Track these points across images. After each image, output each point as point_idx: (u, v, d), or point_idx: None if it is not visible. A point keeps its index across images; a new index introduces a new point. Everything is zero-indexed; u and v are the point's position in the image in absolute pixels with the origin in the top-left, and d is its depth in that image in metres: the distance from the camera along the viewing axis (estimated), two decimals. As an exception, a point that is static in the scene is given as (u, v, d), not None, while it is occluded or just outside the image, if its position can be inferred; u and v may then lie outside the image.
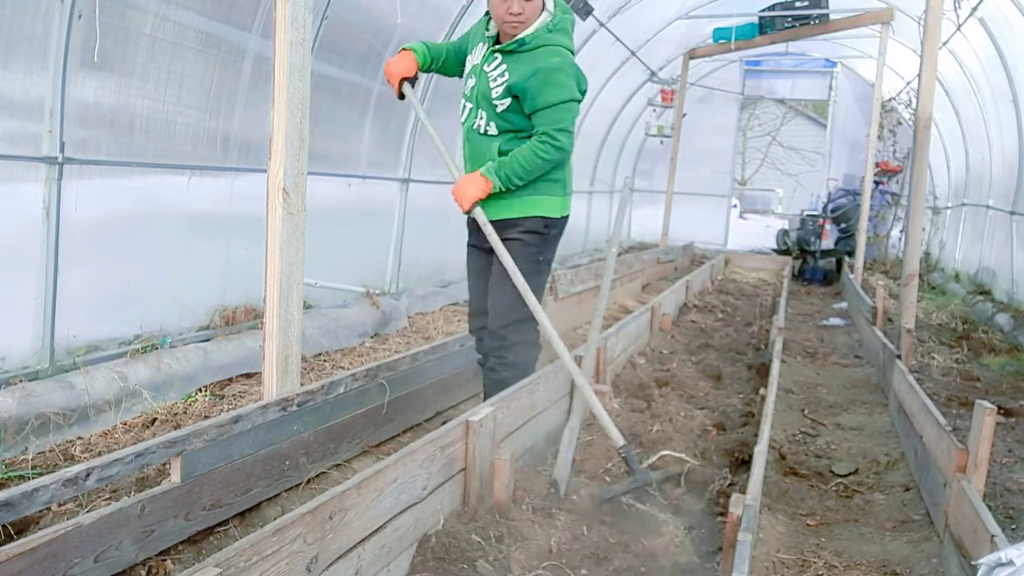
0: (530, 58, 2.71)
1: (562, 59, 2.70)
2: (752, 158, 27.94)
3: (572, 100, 2.71)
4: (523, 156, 2.71)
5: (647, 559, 2.22)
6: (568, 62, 2.73)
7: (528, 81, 2.68)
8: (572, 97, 2.70)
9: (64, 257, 3.25)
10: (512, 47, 2.75)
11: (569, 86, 2.70)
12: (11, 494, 1.84)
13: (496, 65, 2.78)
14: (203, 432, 2.25)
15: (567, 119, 2.71)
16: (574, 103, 2.73)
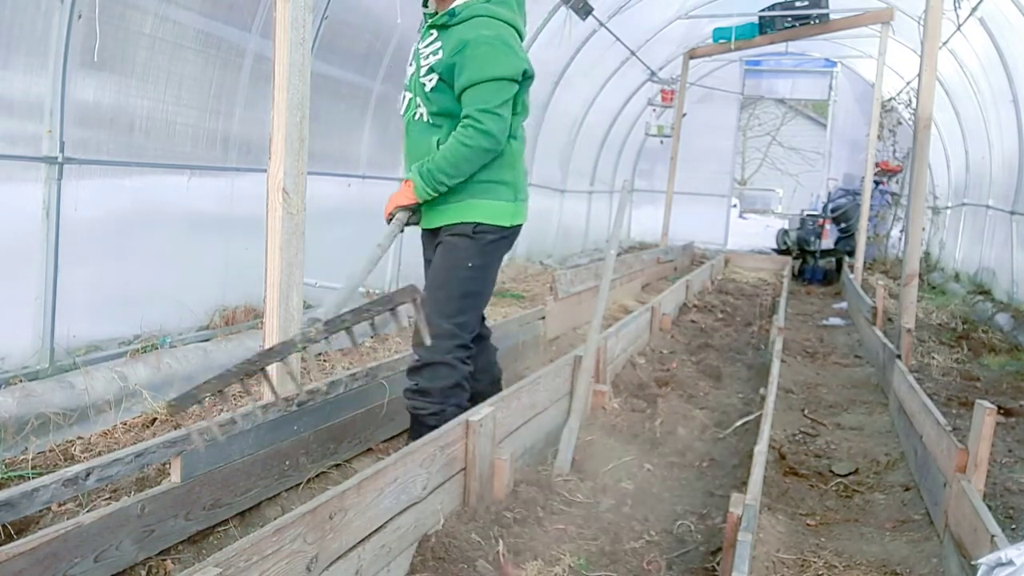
0: (461, 30, 2.41)
1: (495, 32, 2.37)
2: (752, 158, 27.94)
3: (502, 78, 2.35)
4: (446, 148, 2.39)
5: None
6: (502, 36, 2.38)
7: (455, 56, 2.37)
8: (502, 75, 2.35)
9: (64, 257, 3.25)
10: (444, 20, 2.45)
11: (499, 62, 2.34)
12: (11, 494, 1.84)
13: (430, 42, 2.51)
14: (203, 432, 2.25)
15: (494, 99, 2.34)
16: (505, 82, 2.36)
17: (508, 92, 2.39)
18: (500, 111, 2.37)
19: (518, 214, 2.59)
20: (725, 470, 3.01)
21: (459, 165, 2.39)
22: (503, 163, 2.49)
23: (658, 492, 2.77)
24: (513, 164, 2.53)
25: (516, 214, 2.57)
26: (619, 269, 6.68)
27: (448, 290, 2.52)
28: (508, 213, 2.54)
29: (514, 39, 2.44)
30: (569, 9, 6.96)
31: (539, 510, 2.44)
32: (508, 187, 2.53)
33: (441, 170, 2.39)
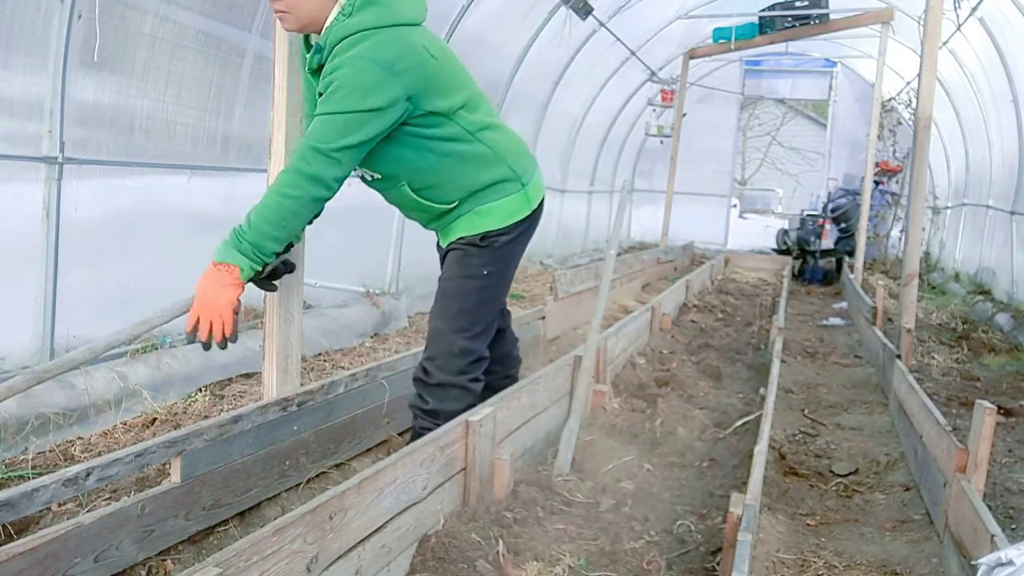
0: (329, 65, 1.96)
1: (360, 51, 1.89)
2: (752, 158, 27.95)
3: (350, 111, 1.87)
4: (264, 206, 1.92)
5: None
6: (368, 52, 1.88)
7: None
8: (350, 106, 1.87)
9: (64, 257, 3.25)
10: (314, 63, 2.01)
11: (353, 88, 1.87)
12: (11, 494, 1.84)
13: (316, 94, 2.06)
14: (203, 432, 2.25)
15: (331, 135, 1.88)
16: (353, 115, 1.88)
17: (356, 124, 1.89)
18: (337, 155, 1.89)
19: (529, 199, 2.34)
20: (725, 470, 3.01)
21: (288, 222, 1.93)
22: (491, 159, 2.22)
23: (658, 492, 2.77)
24: (502, 154, 2.24)
25: (527, 201, 2.33)
26: (619, 269, 6.69)
27: (462, 302, 2.32)
28: (518, 206, 2.31)
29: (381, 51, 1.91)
30: (569, 9, 6.96)
31: (539, 510, 2.44)
32: (510, 181, 2.28)
33: (266, 237, 1.92)
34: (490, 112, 2.29)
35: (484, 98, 2.27)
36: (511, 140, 2.32)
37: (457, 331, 2.31)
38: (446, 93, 2.07)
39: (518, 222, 2.32)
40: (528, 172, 2.35)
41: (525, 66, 7.18)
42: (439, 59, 2.04)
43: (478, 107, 2.21)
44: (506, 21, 6.56)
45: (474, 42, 6.24)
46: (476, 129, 2.17)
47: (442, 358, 2.33)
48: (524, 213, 2.33)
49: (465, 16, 5.76)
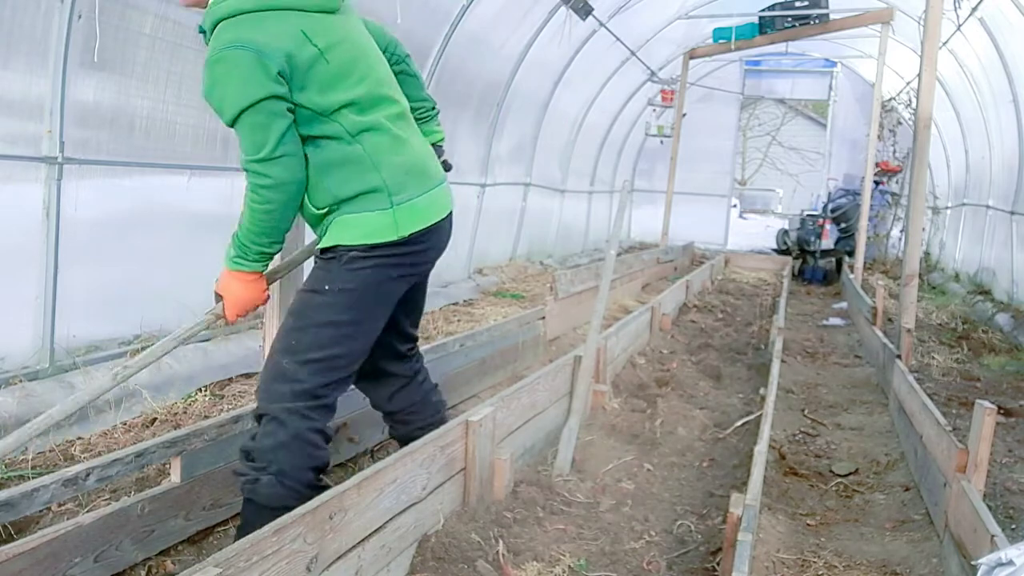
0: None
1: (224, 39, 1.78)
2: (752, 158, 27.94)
3: (245, 107, 1.79)
4: (246, 217, 1.93)
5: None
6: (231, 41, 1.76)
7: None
8: (241, 103, 1.79)
9: (64, 257, 3.25)
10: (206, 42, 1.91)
11: (233, 84, 1.77)
12: (11, 494, 1.84)
13: None
14: (203, 432, 2.25)
15: (256, 142, 1.81)
16: (250, 111, 1.79)
17: (265, 125, 1.80)
18: (269, 154, 1.81)
19: (397, 223, 1.97)
20: (725, 470, 3.01)
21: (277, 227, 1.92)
22: (366, 165, 1.94)
23: (658, 492, 2.77)
24: (376, 164, 1.95)
25: (393, 225, 1.96)
26: (619, 269, 6.69)
27: (297, 318, 2.00)
28: (380, 227, 1.95)
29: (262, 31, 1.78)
30: (569, 9, 6.96)
31: (539, 510, 2.45)
32: (378, 193, 1.95)
33: (263, 245, 1.94)
34: (389, 110, 2.02)
35: (386, 89, 2.03)
36: (403, 151, 2.01)
37: (284, 349, 1.98)
38: (326, 89, 1.87)
39: (379, 245, 1.96)
40: (406, 191, 1.99)
41: (525, 66, 7.18)
42: (325, 50, 1.86)
43: (371, 109, 1.97)
44: (506, 21, 6.56)
45: (474, 42, 6.24)
46: (357, 131, 1.93)
47: (263, 380, 2.01)
48: (386, 237, 1.96)
49: (465, 16, 5.75)
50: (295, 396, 1.94)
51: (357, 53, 1.98)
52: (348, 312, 1.99)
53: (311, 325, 1.98)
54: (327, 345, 1.97)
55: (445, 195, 2.18)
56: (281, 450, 1.92)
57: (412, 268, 2.09)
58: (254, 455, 1.93)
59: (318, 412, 1.98)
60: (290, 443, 1.92)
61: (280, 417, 1.93)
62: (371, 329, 2.06)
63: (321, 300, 1.98)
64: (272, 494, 1.88)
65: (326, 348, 1.97)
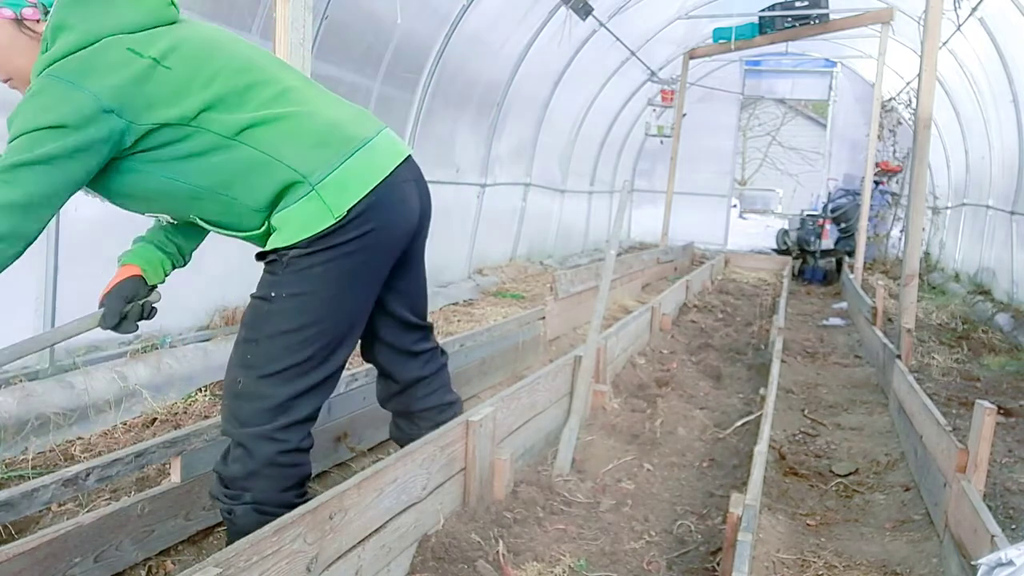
0: None
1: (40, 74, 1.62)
2: (752, 158, 27.95)
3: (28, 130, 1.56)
4: None
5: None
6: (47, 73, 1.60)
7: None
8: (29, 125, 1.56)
9: (64, 257, 3.25)
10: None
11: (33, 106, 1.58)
12: (11, 494, 1.84)
13: None
14: (203, 432, 2.25)
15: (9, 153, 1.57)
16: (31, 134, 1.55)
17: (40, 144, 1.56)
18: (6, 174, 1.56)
19: (327, 204, 1.72)
20: (725, 470, 3.01)
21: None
22: (263, 162, 1.71)
23: (658, 492, 2.77)
24: (276, 153, 1.70)
25: (323, 207, 1.72)
26: (619, 269, 6.69)
27: (248, 330, 1.81)
28: (312, 215, 1.73)
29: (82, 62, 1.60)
30: (569, 9, 6.96)
31: (539, 510, 2.45)
32: (294, 184, 1.72)
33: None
34: (276, 97, 1.76)
35: (266, 84, 1.76)
36: (302, 127, 1.75)
37: (239, 364, 1.81)
38: (176, 97, 1.65)
39: (316, 237, 1.73)
40: (321, 167, 1.73)
41: (525, 66, 7.19)
42: (162, 59, 1.65)
43: (242, 101, 1.71)
44: (506, 21, 6.56)
45: (474, 42, 6.24)
46: (236, 131, 1.69)
47: (224, 400, 1.85)
48: (322, 224, 1.72)
49: (465, 16, 5.76)
50: (260, 416, 1.76)
51: (203, 49, 1.73)
52: (302, 316, 1.77)
53: (263, 337, 1.78)
54: (285, 355, 1.77)
55: (382, 149, 1.84)
56: (253, 478, 1.76)
57: (373, 249, 1.82)
58: (226, 481, 1.79)
59: (289, 431, 1.78)
60: (261, 470, 1.76)
61: (246, 443, 1.76)
62: (338, 327, 1.83)
63: (270, 308, 1.78)
64: (250, 523, 1.71)
65: (285, 357, 1.77)
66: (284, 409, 1.78)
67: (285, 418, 1.78)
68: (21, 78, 1.74)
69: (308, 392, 1.82)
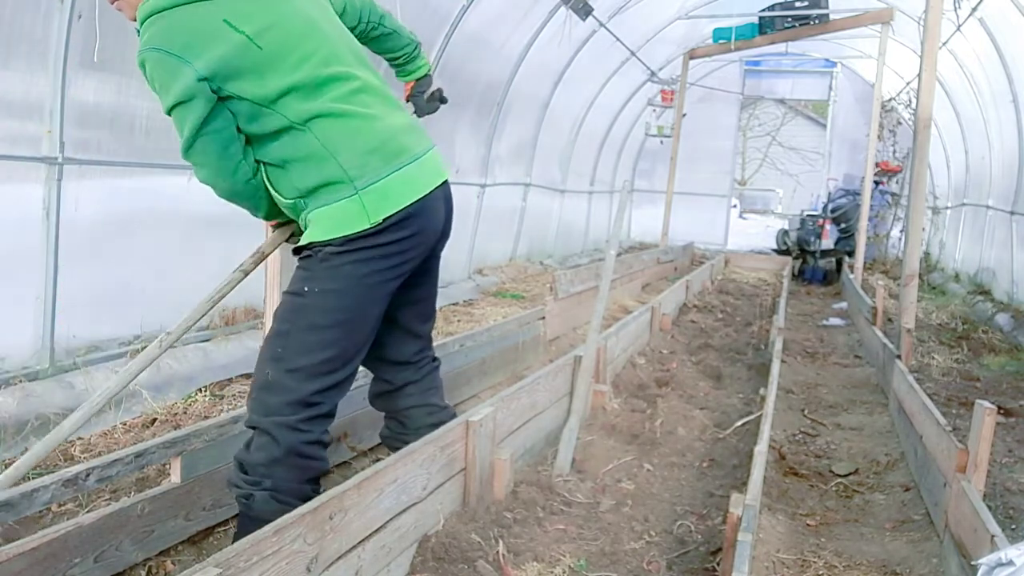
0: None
1: (147, 39, 1.74)
2: (752, 158, 27.94)
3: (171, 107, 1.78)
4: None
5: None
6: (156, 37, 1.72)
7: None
8: (168, 104, 1.78)
9: (64, 257, 3.25)
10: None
11: (158, 88, 1.78)
12: (11, 494, 1.84)
13: None
14: (203, 432, 2.25)
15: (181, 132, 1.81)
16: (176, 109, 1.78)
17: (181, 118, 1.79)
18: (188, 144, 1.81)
19: (366, 210, 1.84)
20: (725, 470, 3.01)
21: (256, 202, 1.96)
22: (320, 155, 1.83)
23: (658, 492, 2.77)
24: (332, 151, 1.82)
25: (363, 212, 1.84)
26: (619, 269, 6.69)
27: (279, 322, 1.91)
28: (349, 216, 1.84)
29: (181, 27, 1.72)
30: (569, 9, 6.96)
31: (539, 510, 2.45)
32: (340, 182, 1.83)
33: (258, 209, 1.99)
34: (351, 95, 1.88)
35: (346, 79, 1.88)
36: (363, 131, 1.86)
37: (270, 358, 1.89)
38: (261, 75, 1.76)
39: (354, 237, 1.84)
40: (371, 173, 1.85)
41: (525, 66, 7.18)
42: (255, 36, 1.75)
43: (319, 91, 1.83)
44: (506, 21, 6.56)
45: (474, 42, 6.24)
46: (306, 119, 1.81)
47: (253, 391, 1.93)
48: (359, 226, 1.83)
49: (465, 16, 5.75)
50: (287, 408, 1.85)
51: (297, 32, 1.83)
52: (334, 313, 1.87)
53: (295, 330, 1.87)
54: (314, 350, 1.86)
55: (427, 169, 1.97)
56: (275, 465, 1.84)
57: (401, 256, 1.92)
58: (247, 468, 1.87)
59: (313, 423, 1.88)
60: (284, 459, 1.85)
61: (272, 432, 1.84)
62: (363, 328, 1.93)
63: (303, 303, 1.88)
64: (267, 510, 1.79)
65: (314, 353, 1.86)
66: (309, 403, 1.87)
67: (310, 411, 1.87)
68: (128, 4, 1.86)
69: (331, 389, 1.92)
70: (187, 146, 1.81)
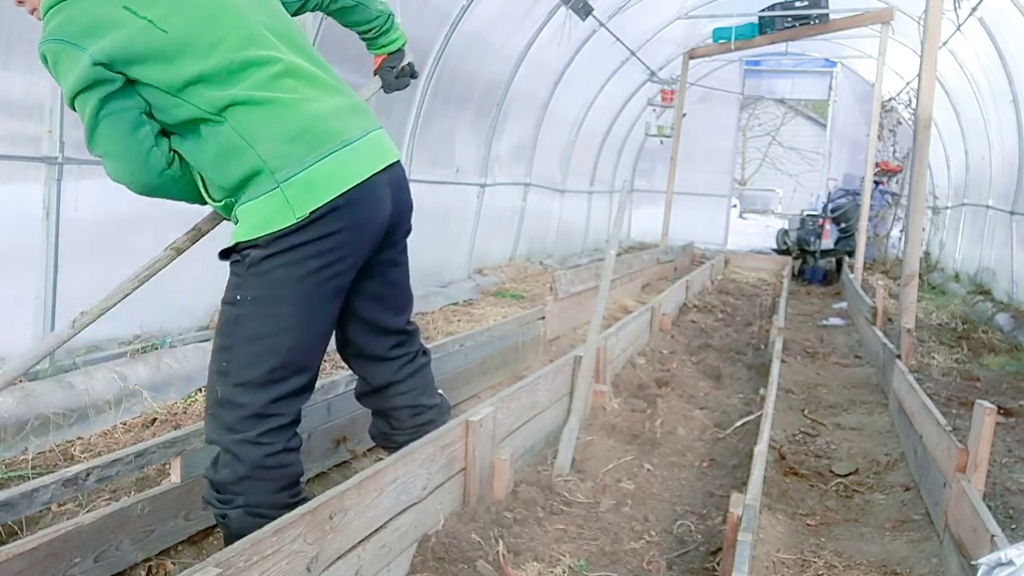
0: None
1: (48, 31, 1.64)
2: (752, 158, 27.94)
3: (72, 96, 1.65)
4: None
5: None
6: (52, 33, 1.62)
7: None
8: (68, 94, 1.64)
9: (64, 257, 3.25)
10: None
11: (58, 76, 1.64)
12: (11, 494, 1.84)
13: None
14: (203, 432, 2.25)
15: (84, 122, 1.68)
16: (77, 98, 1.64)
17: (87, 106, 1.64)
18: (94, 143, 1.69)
19: (290, 204, 1.70)
20: (725, 470, 3.01)
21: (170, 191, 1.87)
22: (237, 146, 1.70)
23: (658, 492, 2.77)
24: (249, 140, 1.69)
25: (286, 206, 1.70)
26: (619, 269, 6.69)
27: (221, 336, 1.81)
28: (273, 212, 1.71)
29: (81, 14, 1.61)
30: (569, 9, 6.96)
31: (539, 510, 2.45)
32: (259, 174, 1.70)
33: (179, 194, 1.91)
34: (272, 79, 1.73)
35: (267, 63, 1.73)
36: (284, 117, 1.71)
37: (217, 372, 1.80)
38: (167, 60, 1.64)
39: (276, 235, 1.71)
40: (293, 163, 1.70)
41: (525, 66, 7.18)
42: (158, 20, 1.63)
43: (233, 78, 1.69)
44: (506, 21, 6.56)
45: (474, 42, 6.24)
46: (220, 107, 1.68)
47: (209, 408, 1.83)
48: (282, 223, 1.70)
49: (465, 16, 5.75)
50: (243, 423, 1.76)
51: (206, 16, 1.69)
52: (274, 321, 1.76)
53: (236, 343, 1.77)
54: (259, 361, 1.76)
55: (363, 153, 1.80)
56: (243, 482, 1.76)
57: (337, 253, 1.77)
58: (217, 487, 1.79)
59: (274, 434, 1.78)
60: (251, 474, 1.76)
61: (233, 450, 1.76)
62: (309, 331, 1.81)
63: (238, 313, 1.78)
64: (245, 525, 1.70)
65: (259, 364, 1.76)
66: (266, 414, 1.77)
67: (268, 423, 1.78)
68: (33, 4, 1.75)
69: (287, 398, 1.81)
70: (89, 134, 1.67)
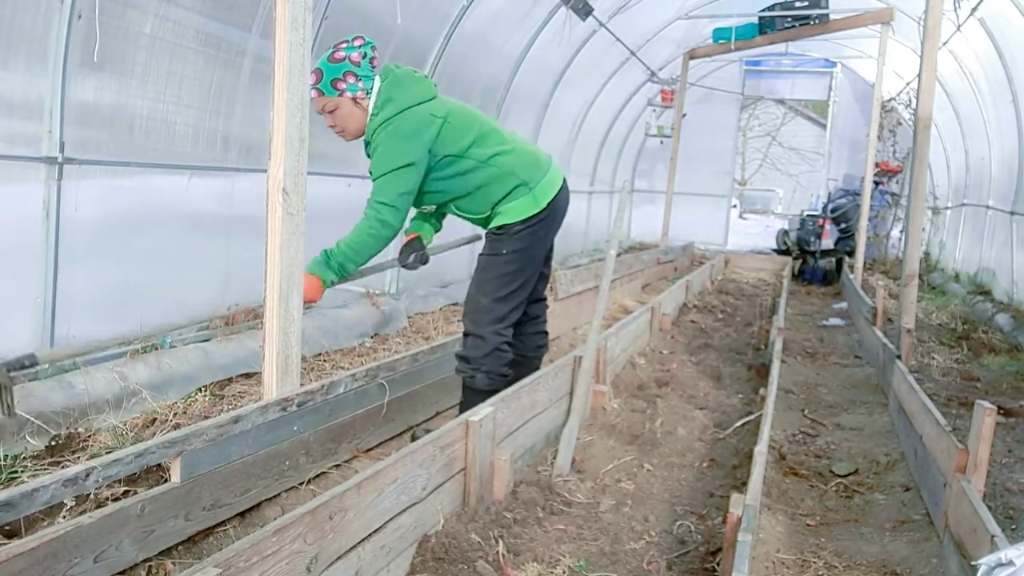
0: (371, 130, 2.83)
1: (387, 132, 2.72)
2: (752, 158, 27.93)
3: (391, 170, 2.70)
4: (350, 237, 2.76)
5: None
6: (392, 131, 2.72)
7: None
8: (391, 167, 2.70)
9: (64, 257, 3.25)
10: (368, 153, 2.89)
11: (389, 156, 2.70)
12: (11, 494, 1.84)
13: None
14: (203, 432, 2.25)
15: (387, 191, 2.71)
16: (395, 172, 2.70)
17: (399, 177, 2.71)
18: (391, 201, 2.72)
19: (536, 199, 2.92)
20: (725, 470, 3.01)
21: (362, 252, 2.76)
22: (504, 176, 2.86)
23: (658, 492, 2.77)
24: (512, 171, 2.87)
25: (534, 201, 2.92)
26: (619, 269, 6.69)
27: (489, 271, 2.95)
28: (527, 206, 2.91)
29: (406, 126, 2.72)
30: (569, 9, 6.96)
31: (539, 511, 2.45)
32: (520, 186, 2.89)
33: (350, 258, 2.76)
34: (501, 138, 2.92)
35: (493, 128, 2.95)
36: (520, 156, 2.93)
37: (483, 293, 2.94)
38: (455, 140, 2.80)
39: (529, 217, 2.91)
40: (535, 178, 2.94)
41: (525, 66, 7.18)
42: (447, 118, 2.78)
43: (487, 139, 2.87)
44: (506, 21, 6.56)
45: (474, 42, 6.24)
46: (487, 158, 2.85)
47: (470, 314, 2.97)
48: (533, 210, 2.92)
49: (465, 16, 5.75)
50: (493, 321, 2.90)
51: (464, 112, 2.91)
52: (519, 263, 2.93)
53: (497, 275, 2.91)
54: (508, 286, 2.91)
55: (557, 171, 3.05)
56: (486, 357, 2.88)
57: (552, 224, 3.00)
58: (468, 359, 2.92)
59: (507, 330, 2.93)
60: (492, 352, 2.88)
61: (484, 335, 2.89)
62: (533, 270, 3.00)
63: (501, 259, 2.92)
64: (484, 384, 2.86)
65: (508, 286, 2.91)
66: (504, 317, 2.93)
67: (505, 322, 2.93)
68: (349, 131, 2.88)
69: (514, 309, 2.97)
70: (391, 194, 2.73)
